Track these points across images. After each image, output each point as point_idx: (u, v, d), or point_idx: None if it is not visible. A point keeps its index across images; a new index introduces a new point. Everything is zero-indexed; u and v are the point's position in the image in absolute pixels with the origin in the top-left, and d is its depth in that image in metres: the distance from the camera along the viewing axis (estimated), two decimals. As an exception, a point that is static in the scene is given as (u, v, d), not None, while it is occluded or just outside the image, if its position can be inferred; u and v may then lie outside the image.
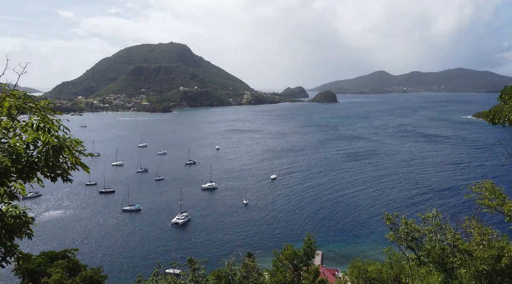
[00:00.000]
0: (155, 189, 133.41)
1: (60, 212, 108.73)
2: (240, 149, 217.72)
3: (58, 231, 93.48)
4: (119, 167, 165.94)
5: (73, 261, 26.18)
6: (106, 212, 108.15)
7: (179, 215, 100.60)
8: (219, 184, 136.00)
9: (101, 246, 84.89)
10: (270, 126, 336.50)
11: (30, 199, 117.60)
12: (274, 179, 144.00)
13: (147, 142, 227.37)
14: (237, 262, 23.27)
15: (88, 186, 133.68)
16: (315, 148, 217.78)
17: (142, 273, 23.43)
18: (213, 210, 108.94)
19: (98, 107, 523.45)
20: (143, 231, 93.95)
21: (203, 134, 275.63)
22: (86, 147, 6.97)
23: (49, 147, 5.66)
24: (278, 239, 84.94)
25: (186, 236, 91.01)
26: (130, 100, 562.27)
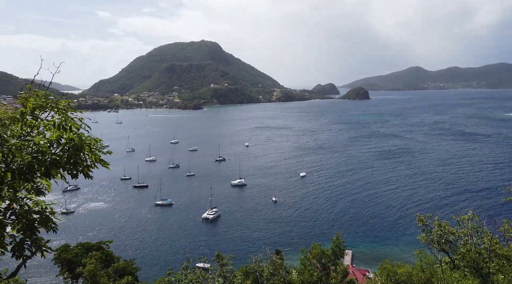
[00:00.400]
0: (186, 184, 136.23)
1: (97, 204, 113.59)
2: (269, 146, 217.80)
3: (94, 223, 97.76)
4: (152, 162, 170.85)
5: (107, 253, 27.42)
6: (140, 206, 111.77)
7: (209, 210, 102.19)
8: (248, 180, 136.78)
9: (134, 239, 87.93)
10: (300, 123, 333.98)
11: (70, 191, 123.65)
12: (303, 176, 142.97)
13: (179, 138, 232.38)
14: (265, 259, 23.39)
15: (123, 180, 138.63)
16: (346, 145, 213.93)
17: (172, 267, 24.12)
18: (242, 207, 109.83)
19: (133, 105, 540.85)
20: (174, 225, 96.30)
21: (233, 131, 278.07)
22: (104, 144, 7.14)
23: (70, 145, 5.81)
24: (306, 237, 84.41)
25: (216, 232, 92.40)
26: (163, 98, 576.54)
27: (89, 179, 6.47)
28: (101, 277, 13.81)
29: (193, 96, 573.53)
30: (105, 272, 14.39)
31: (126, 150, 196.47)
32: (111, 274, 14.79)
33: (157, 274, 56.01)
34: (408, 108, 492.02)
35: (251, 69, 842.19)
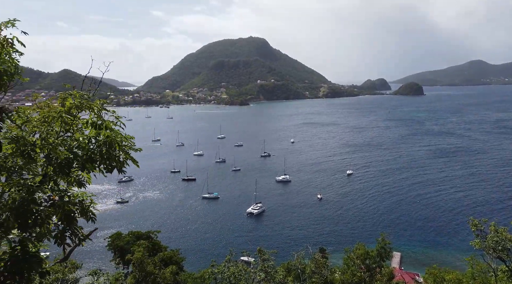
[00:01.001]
0: (232, 178, 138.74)
1: (149, 195, 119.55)
2: (315, 142, 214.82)
3: (145, 213, 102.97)
4: (200, 157, 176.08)
5: (154, 242, 28.89)
6: (187, 198, 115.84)
7: (254, 205, 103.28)
8: (293, 177, 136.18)
9: (181, 230, 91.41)
10: (348, 120, 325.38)
11: (124, 182, 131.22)
12: (350, 174, 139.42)
13: (225, 133, 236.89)
14: (307, 257, 23.22)
15: (172, 173, 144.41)
16: (396, 143, 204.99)
17: (215, 258, 24.78)
18: (286, 203, 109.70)
19: (183, 100, 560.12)
20: (220, 218, 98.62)
21: (278, 127, 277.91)
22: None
23: (102, 142, 6.06)
24: (350, 237, 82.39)
25: (259, 227, 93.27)
26: (211, 94, 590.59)
27: (121, 173, 6.77)
28: (148, 264, 14.61)
29: (240, 92, 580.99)
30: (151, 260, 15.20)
31: (176, 144, 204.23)
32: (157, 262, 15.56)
33: (201, 265, 57.74)
34: (467, 104, 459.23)
35: (298, 65, 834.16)
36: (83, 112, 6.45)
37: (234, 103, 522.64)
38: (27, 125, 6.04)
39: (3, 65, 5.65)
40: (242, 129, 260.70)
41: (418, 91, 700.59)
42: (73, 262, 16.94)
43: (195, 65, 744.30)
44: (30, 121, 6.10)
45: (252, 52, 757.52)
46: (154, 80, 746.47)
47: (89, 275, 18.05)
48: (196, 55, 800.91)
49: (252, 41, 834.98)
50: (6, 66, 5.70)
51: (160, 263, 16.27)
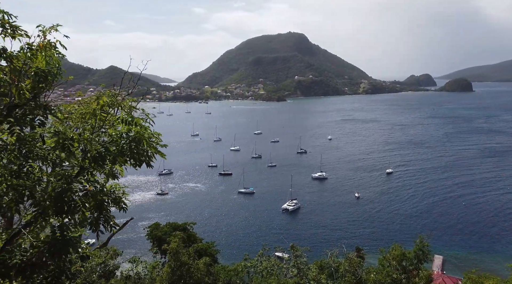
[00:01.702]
0: (268, 174, 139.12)
1: (187, 188, 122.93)
2: (354, 139, 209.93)
3: (183, 205, 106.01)
4: (236, 152, 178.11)
5: (190, 234, 29.79)
6: (224, 192, 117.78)
7: (289, 201, 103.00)
8: (330, 174, 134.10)
9: (216, 223, 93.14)
10: (389, 116, 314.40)
11: (165, 175, 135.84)
12: (390, 173, 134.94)
13: (262, 129, 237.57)
14: (341, 255, 22.87)
15: (210, 167, 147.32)
16: (441, 141, 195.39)
17: (249, 253, 25.08)
18: (322, 200, 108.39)
19: (221, 96, 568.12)
20: (255, 213, 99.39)
21: (315, 124, 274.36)
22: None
23: (131, 138, 6.41)
24: (387, 237, 79.82)
25: (294, 223, 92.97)
26: (249, 90, 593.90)
27: (149, 167, 7.15)
28: (183, 255, 15.13)
29: (277, 88, 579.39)
30: (186, 251, 15.73)
31: (214, 139, 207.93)
32: (191, 253, 16.06)
33: (234, 258, 58.64)
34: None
35: (337, 60, 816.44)
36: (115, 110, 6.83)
37: (271, 99, 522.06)
38: (66, 121, 6.52)
39: (47, 66, 6.05)
40: (278, 125, 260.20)
41: (466, 87, 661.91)
42: (114, 249, 17.93)
43: (233, 61, 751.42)
44: (70, 117, 6.58)
45: (291, 47, 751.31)
46: (194, 76, 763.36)
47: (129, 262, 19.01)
48: (235, 51, 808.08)
49: (290, 36, 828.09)
50: (50, 67, 6.10)
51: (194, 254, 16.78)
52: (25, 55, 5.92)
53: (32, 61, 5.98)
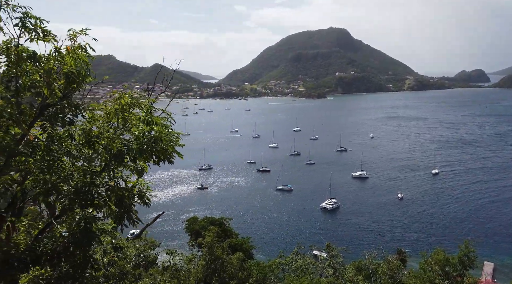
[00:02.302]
0: (306, 172, 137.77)
1: (226, 183, 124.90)
2: (397, 137, 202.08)
3: (221, 200, 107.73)
4: (275, 149, 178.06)
5: (226, 228, 30.26)
6: (262, 189, 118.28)
7: (328, 200, 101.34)
8: (371, 173, 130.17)
9: (253, 218, 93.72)
10: (436, 114, 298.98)
11: (204, 170, 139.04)
12: (436, 173, 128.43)
13: (301, 126, 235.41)
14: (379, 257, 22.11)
15: (248, 164, 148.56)
16: (493, 140, 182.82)
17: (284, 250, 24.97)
18: (362, 200, 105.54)
19: (261, 93, 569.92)
20: (292, 210, 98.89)
21: (356, 121, 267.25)
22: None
23: (149, 136, 6.62)
24: (429, 241, 76.08)
25: (332, 222, 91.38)
26: (288, 87, 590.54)
27: (170, 164, 7.37)
28: (217, 249, 15.40)
29: (317, 85, 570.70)
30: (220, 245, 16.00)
31: (253, 136, 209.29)
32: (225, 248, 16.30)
33: (269, 254, 58.77)
34: None
35: (381, 56, 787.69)
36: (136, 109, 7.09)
37: (311, 96, 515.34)
38: (93, 119, 6.88)
39: (77, 68, 6.39)
40: (318, 123, 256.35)
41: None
42: (152, 241, 18.64)
43: (273, 58, 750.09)
44: (96, 116, 6.94)
45: (332, 43, 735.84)
46: (234, 74, 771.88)
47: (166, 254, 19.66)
48: (275, 48, 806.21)
49: (332, 32, 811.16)
50: (79, 68, 6.44)
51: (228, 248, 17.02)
52: (54, 58, 6.27)
53: (61, 64, 6.32)
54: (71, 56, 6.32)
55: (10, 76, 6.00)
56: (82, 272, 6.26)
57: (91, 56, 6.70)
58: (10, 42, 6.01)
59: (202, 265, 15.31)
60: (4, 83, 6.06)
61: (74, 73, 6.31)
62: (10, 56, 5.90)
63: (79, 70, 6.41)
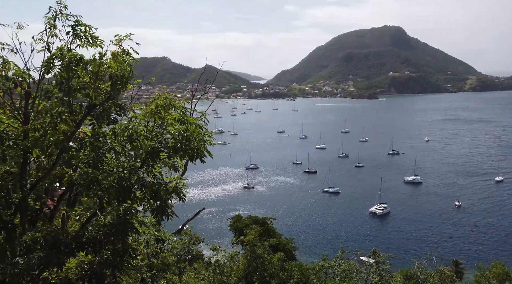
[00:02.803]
0: (355, 175, 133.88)
1: (271, 183, 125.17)
2: (455, 141, 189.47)
3: (267, 199, 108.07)
4: (322, 150, 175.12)
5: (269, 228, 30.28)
6: (308, 190, 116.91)
7: (378, 205, 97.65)
8: (425, 178, 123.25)
9: (297, 219, 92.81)
10: (501, 117, 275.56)
11: (251, 169, 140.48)
12: (500, 181, 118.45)
13: (350, 128, 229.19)
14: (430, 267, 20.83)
15: (295, 165, 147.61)
16: None
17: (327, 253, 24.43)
18: (415, 206, 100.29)
19: (309, 94, 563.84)
20: (339, 214, 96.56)
21: (410, 124, 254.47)
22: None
23: (181, 136, 6.94)
24: (486, 253, 70.20)
25: (381, 228, 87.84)
26: (338, 87, 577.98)
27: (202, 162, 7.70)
28: (258, 248, 15.46)
29: (368, 85, 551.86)
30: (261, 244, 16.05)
31: (300, 137, 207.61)
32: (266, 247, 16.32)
33: (313, 257, 57.88)
34: None
35: (439, 54, 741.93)
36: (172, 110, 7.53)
37: (362, 96, 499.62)
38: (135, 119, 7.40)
39: (122, 71, 6.82)
40: (368, 124, 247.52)
41: None
42: (196, 236, 19.23)
43: (323, 58, 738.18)
44: (136, 115, 7.44)
45: (386, 42, 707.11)
46: (282, 74, 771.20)
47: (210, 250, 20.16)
48: (325, 47, 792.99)
49: (386, 30, 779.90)
50: (123, 71, 6.85)
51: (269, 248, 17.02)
52: (100, 62, 6.74)
53: (106, 67, 6.79)
54: (115, 60, 6.78)
55: (63, 79, 6.53)
56: (121, 260, 6.65)
57: (135, 59, 7.10)
58: (63, 48, 6.56)
59: (243, 263, 15.48)
60: (57, 85, 6.62)
61: (118, 76, 6.73)
62: (64, 61, 6.41)
63: (123, 73, 6.80)
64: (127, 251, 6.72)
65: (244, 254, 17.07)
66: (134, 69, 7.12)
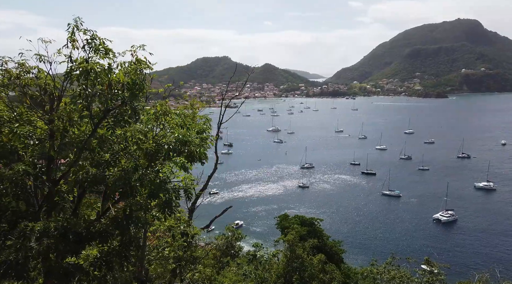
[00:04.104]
0: (418, 178, 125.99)
1: (327, 184, 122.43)
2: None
3: (321, 199, 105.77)
4: (382, 151, 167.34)
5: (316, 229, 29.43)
6: (365, 193, 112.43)
7: (443, 211, 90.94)
8: (500, 185, 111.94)
9: (353, 222, 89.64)
10: None
11: (306, 169, 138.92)
12: None
13: (414, 128, 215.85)
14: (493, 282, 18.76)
15: (352, 165, 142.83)
16: None
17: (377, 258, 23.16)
18: (487, 215, 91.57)
19: (370, 92, 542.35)
20: (399, 218, 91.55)
21: (485, 125, 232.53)
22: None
23: (178, 139, 7.45)
24: None
25: (445, 237, 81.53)
26: (402, 85, 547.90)
27: (202, 165, 8.21)
28: (298, 248, 15.16)
29: (437, 83, 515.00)
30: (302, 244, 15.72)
31: (359, 137, 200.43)
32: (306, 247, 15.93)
33: (362, 261, 55.44)
34: None
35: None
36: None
37: (429, 95, 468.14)
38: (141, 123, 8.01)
39: (136, 78, 7.35)
40: (435, 125, 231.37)
41: None
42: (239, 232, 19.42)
43: (386, 55, 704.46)
44: (142, 120, 8.01)
45: (458, 36, 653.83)
46: (342, 72, 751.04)
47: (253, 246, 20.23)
48: (389, 44, 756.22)
49: (458, 24, 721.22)
50: (136, 79, 7.39)
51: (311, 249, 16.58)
52: (108, 72, 7.21)
53: (116, 77, 7.32)
54: (124, 71, 7.37)
55: (82, 86, 7.14)
56: (127, 250, 7.09)
57: (150, 67, 7.62)
58: (82, 59, 7.16)
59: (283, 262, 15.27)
60: (77, 92, 7.25)
61: (129, 84, 7.30)
62: (82, 71, 6.99)
63: (135, 81, 7.32)
64: (131, 242, 7.16)
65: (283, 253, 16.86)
66: (150, 75, 7.78)
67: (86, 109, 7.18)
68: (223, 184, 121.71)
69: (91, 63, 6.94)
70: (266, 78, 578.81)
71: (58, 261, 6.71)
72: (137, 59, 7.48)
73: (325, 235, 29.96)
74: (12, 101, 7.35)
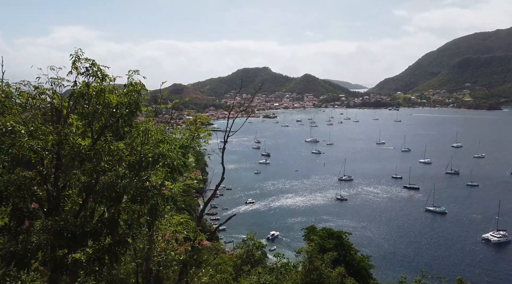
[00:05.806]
0: (466, 194, 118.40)
1: (366, 197, 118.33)
2: None
3: (359, 213, 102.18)
4: (426, 165, 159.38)
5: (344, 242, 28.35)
6: (407, 208, 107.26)
7: (494, 231, 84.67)
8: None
9: (390, 237, 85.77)
10: None
11: (344, 181, 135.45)
12: None
13: (463, 142, 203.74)
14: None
15: (393, 179, 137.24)
16: None
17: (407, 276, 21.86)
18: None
19: (415, 103, 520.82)
20: (442, 236, 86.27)
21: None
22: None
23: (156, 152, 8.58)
24: None
25: (495, 259, 75.53)
26: (450, 96, 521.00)
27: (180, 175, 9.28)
28: (317, 260, 14.74)
29: (489, 94, 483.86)
30: (320, 256, 15.25)
31: (402, 149, 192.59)
32: (325, 259, 15.39)
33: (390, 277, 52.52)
34: None
35: None
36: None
37: (480, 107, 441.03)
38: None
39: (130, 99, 8.48)
40: (486, 138, 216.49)
41: None
42: (259, 241, 19.26)
43: (433, 64, 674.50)
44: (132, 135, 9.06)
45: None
46: (385, 82, 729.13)
47: (273, 256, 19.97)
48: (436, 53, 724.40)
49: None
50: (130, 100, 8.45)
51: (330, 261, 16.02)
52: (100, 95, 8.23)
53: (109, 99, 8.31)
54: (116, 94, 8.42)
55: (83, 106, 8.22)
56: (115, 249, 7.83)
57: (145, 88, 8.77)
58: (82, 83, 8.21)
59: (301, 273, 14.90)
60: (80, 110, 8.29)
61: (122, 104, 8.36)
62: (80, 93, 8.11)
63: (130, 101, 8.38)
64: (119, 242, 7.82)
65: (302, 263, 16.45)
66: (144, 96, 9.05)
67: (88, 125, 8.30)
68: (260, 193, 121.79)
69: (83, 87, 8.06)
70: (306, 88, 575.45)
71: (54, 254, 7.42)
72: (131, 83, 8.56)
73: (353, 249, 28.80)
74: (26, 117, 8.42)
